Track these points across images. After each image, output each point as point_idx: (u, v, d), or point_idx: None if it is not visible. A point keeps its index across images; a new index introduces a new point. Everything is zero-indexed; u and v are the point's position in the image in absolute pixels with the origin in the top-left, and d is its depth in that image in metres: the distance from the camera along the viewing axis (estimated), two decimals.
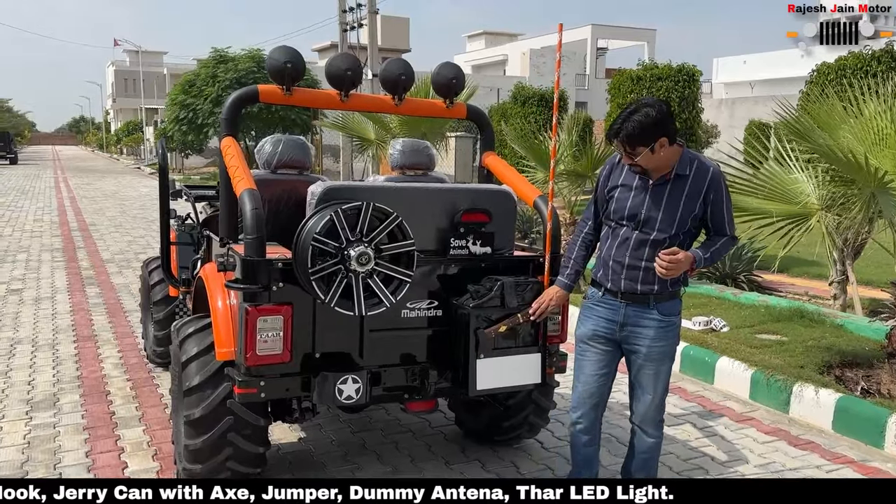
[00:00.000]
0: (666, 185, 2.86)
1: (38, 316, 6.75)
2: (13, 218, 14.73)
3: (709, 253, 2.91)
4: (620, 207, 2.93)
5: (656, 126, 2.75)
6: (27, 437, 4.01)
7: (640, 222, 2.89)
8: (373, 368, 3.11)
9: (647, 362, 2.98)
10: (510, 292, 3.12)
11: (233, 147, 3.37)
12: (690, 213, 2.86)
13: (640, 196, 2.89)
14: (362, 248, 2.80)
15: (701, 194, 2.85)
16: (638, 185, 2.91)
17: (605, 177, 3.06)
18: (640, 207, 2.89)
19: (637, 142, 2.77)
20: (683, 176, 2.86)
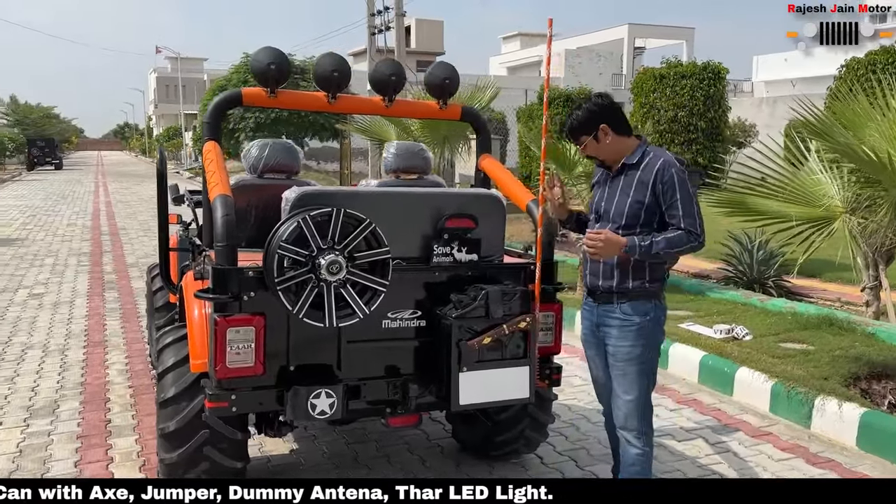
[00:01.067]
0: (620, 177, 2.95)
1: (53, 321, 6.79)
2: (48, 222, 15.01)
3: (648, 241, 2.79)
4: (596, 202, 3.06)
5: (593, 116, 2.92)
6: (20, 446, 3.98)
7: (600, 215, 2.99)
8: (351, 381, 2.98)
9: (614, 363, 2.97)
10: (495, 302, 2.95)
11: (213, 152, 3.27)
12: (639, 202, 2.86)
13: (603, 189, 3.02)
14: (333, 257, 2.67)
15: (649, 184, 2.85)
16: (602, 179, 3.06)
17: (594, 178, 3.19)
18: (601, 201, 3.01)
19: (579, 132, 2.95)
20: (631, 165, 2.91)
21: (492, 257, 3.21)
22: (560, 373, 3.37)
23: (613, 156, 2.95)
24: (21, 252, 10.91)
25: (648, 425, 3.01)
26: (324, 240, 2.70)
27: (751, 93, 38.55)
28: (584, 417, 4.53)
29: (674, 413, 4.67)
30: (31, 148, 40.34)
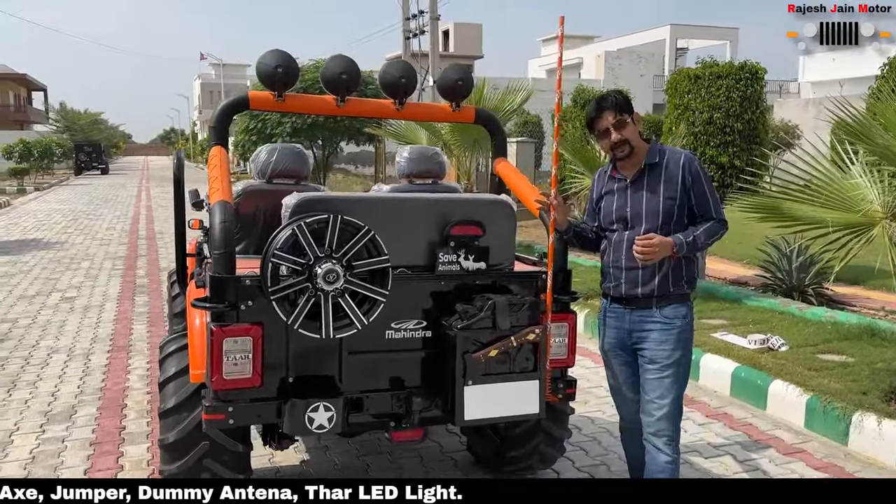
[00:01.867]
0: (642, 178, 2.86)
1: (81, 325, 6.85)
2: (88, 226, 15.30)
3: (691, 236, 2.80)
4: (608, 213, 2.94)
5: (628, 102, 2.86)
6: (33, 452, 3.98)
7: (627, 221, 2.87)
8: (353, 394, 2.87)
9: (650, 365, 2.86)
10: (502, 313, 2.82)
11: (218, 157, 3.20)
12: (672, 200, 2.81)
13: (623, 195, 2.90)
14: (330, 265, 2.58)
15: (677, 179, 2.81)
16: (618, 187, 2.93)
17: (592, 189, 3.09)
18: (625, 207, 2.88)
19: (624, 108, 2.82)
20: (655, 164, 2.85)
21: (501, 265, 3.08)
22: (574, 387, 3.22)
23: (638, 149, 2.85)
24: (59, 256, 11.11)
25: (678, 431, 2.91)
26: (321, 248, 2.60)
27: (797, 94, 37.56)
28: (607, 431, 4.35)
29: (702, 428, 4.47)
30: (79, 153, 41.34)
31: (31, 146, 31.99)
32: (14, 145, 30.97)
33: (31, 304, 7.65)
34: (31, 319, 7.00)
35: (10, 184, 27.09)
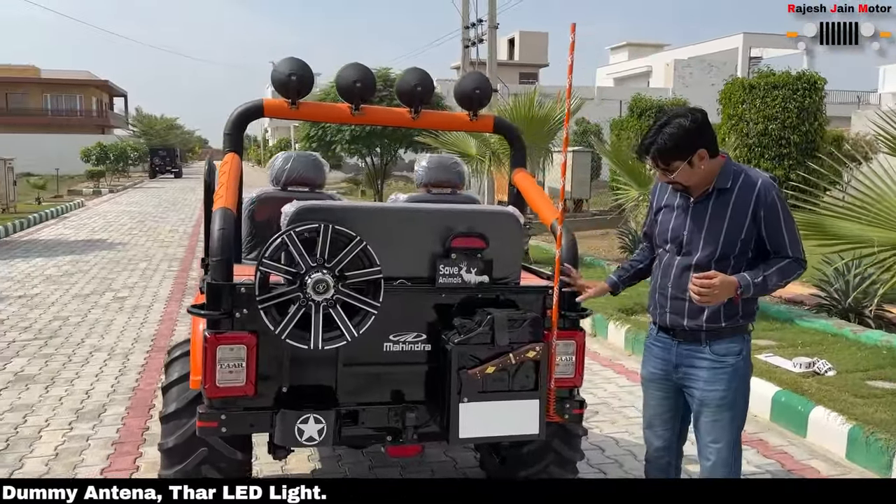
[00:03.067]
0: (708, 202, 2.57)
1: (127, 324, 7.04)
2: (152, 228, 15.82)
3: (760, 276, 2.50)
4: (663, 230, 2.69)
5: (691, 137, 2.48)
6: (57, 448, 4.08)
7: (681, 245, 2.61)
8: (348, 406, 2.83)
9: (702, 408, 2.64)
10: (501, 328, 2.73)
11: (229, 164, 3.22)
12: (737, 232, 2.53)
13: (682, 216, 2.63)
14: (320, 275, 2.54)
15: (749, 210, 2.52)
16: (680, 204, 2.65)
17: (653, 197, 2.81)
18: (681, 229, 2.62)
19: (672, 156, 2.50)
20: (725, 189, 2.55)
21: (506, 279, 2.98)
22: (583, 407, 3.09)
23: (702, 182, 2.55)
24: (119, 256, 11.50)
25: (738, 472, 2.70)
26: (312, 257, 2.57)
27: (877, 104, 35.96)
28: (630, 454, 4.19)
29: None
30: (154, 157, 42.93)
31: (108, 149, 33.38)
32: (91, 148, 32.38)
33: (83, 303, 7.92)
34: (81, 318, 7.25)
35: (86, 185, 28.30)
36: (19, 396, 4.90)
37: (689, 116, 2.50)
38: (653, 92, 30.85)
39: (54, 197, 22.86)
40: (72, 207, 20.22)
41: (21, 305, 7.70)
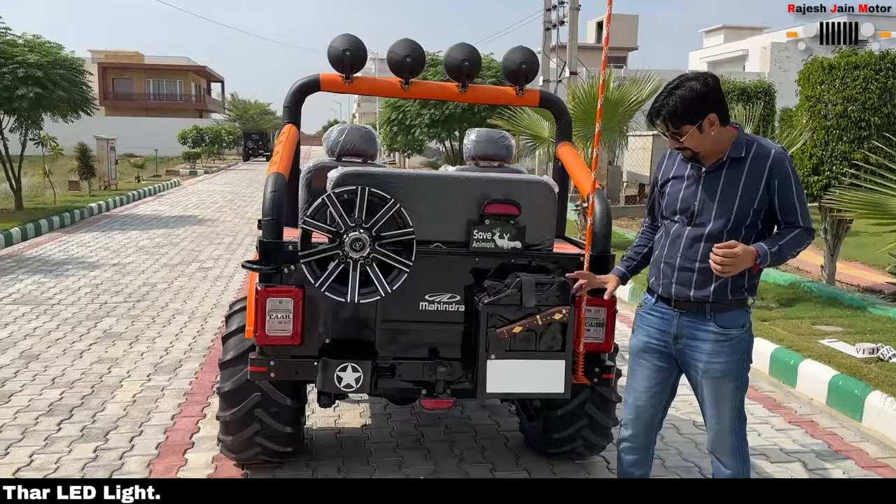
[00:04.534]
0: (721, 171, 2.54)
1: (209, 292, 7.51)
2: (241, 207, 16.55)
3: (776, 246, 2.49)
4: (672, 201, 2.63)
5: (702, 101, 2.44)
6: (136, 396, 4.47)
7: (692, 215, 2.56)
8: (385, 360, 3.04)
9: (705, 380, 2.61)
10: (528, 291, 2.86)
11: (286, 134, 3.46)
12: (751, 201, 2.51)
13: (693, 186, 2.58)
14: (357, 234, 2.74)
15: (762, 180, 2.49)
16: (690, 174, 2.60)
17: (659, 170, 2.78)
18: (692, 199, 2.57)
19: (682, 119, 2.45)
20: (739, 159, 2.52)
21: (539, 246, 3.11)
22: (611, 372, 3.19)
23: (713, 150, 2.52)
24: (208, 231, 12.15)
25: (744, 441, 2.69)
26: (350, 218, 2.77)
27: None
28: (672, 427, 4.24)
29: (779, 433, 4.23)
30: (247, 140, 44.67)
31: (204, 132, 34.96)
32: (188, 131, 34.00)
33: (171, 272, 8.47)
34: (167, 284, 7.77)
35: (183, 166, 29.76)
36: (106, 351, 5.36)
37: (701, 80, 2.47)
38: (748, 76, 29.73)
39: (153, 176, 24.18)
40: (168, 186, 21.35)
41: (115, 272, 8.32)
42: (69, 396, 4.43)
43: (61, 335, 5.73)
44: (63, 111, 13.38)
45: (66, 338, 5.66)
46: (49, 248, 9.94)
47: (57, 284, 7.57)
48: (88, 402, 4.36)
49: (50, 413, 4.16)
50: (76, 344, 5.51)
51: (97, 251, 9.78)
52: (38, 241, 10.58)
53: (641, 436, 2.83)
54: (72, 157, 17.55)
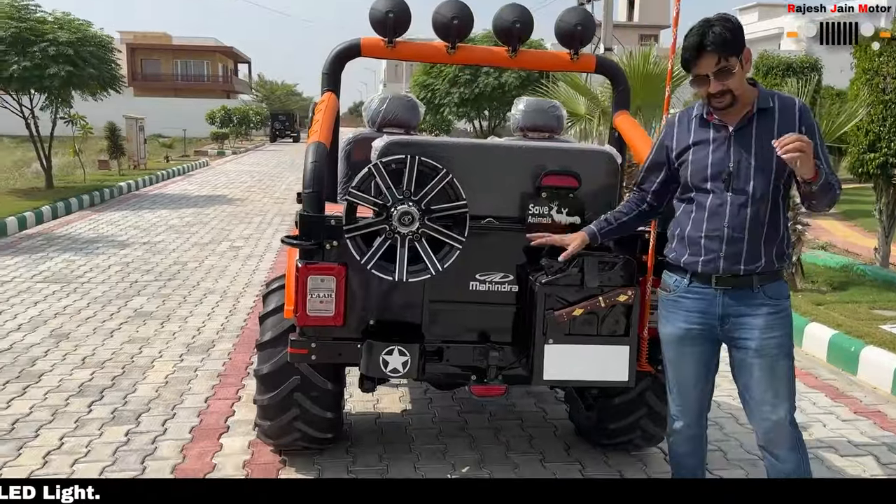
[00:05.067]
0: (750, 126, 2.34)
1: (240, 271, 7.37)
2: (269, 186, 16.45)
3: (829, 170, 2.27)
4: (700, 168, 2.39)
5: (741, 32, 2.26)
6: (168, 377, 4.33)
7: (729, 179, 2.33)
8: (433, 343, 2.83)
9: (758, 360, 2.37)
10: (591, 270, 2.64)
11: (326, 102, 3.25)
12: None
13: (722, 148, 2.36)
14: (406, 207, 2.53)
15: (795, 128, 2.29)
16: (715, 137, 2.39)
17: (669, 139, 2.51)
18: (725, 162, 2.34)
19: (731, 48, 2.23)
20: (768, 109, 2.34)
21: None
22: None
23: (743, 95, 2.31)
24: (237, 210, 12.04)
25: (798, 428, 2.44)
26: (398, 189, 2.56)
27: None
28: (732, 417, 4.00)
29: (846, 424, 3.96)
30: (274, 121, 44.56)
31: (231, 113, 34.92)
32: (216, 112, 33.97)
33: (202, 251, 8.35)
34: (198, 263, 7.65)
35: (211, 147, 29.76)
36: (137, 330, 5.23)
37: (733, 18, 2.28)
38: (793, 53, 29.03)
39: (181, 156, 24.20)
40: (197, 166, 21.33)
41: (145, 251, 8.22)
42: (100, 377, 4.30)
43: (91, 314, 5.62)
44: (93, 89, 13.30)
45: (97, 316, 5.55)
46: (79, 227, 9.89)
47: (87, 262, 7.48)
48: (119, 382, 4.22)
49: (80, 394, 4.03)
50: (107, 323, 5.39)
51: (127, 230, 9.70)
52: (69, 220, 10.54)
53: (693, 425, 2.61)
54: (101, 137, 17.55)
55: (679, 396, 2.59)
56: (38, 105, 12.93)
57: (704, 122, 2.41)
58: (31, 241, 8.74)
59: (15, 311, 5.62)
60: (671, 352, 2.56)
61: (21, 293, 6.17)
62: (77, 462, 3.26)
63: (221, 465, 3.28)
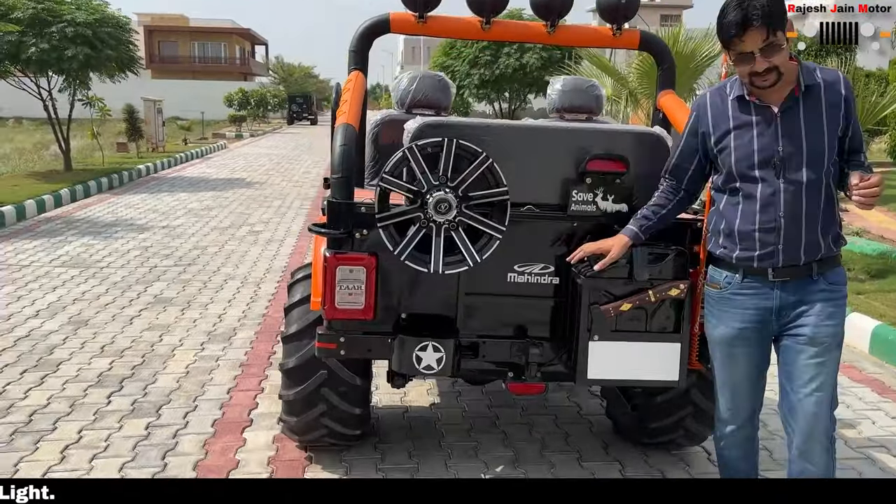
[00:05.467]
0: (797, 106, 2.15)
1: (261, 256, 7.24)
2: (288, 170, 16.32)
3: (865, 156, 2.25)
4: (746, 153, 2.18)
5: (785, 4, 2.12)
6: (189, 367, 4.21)
7: (779, 166, 2.14)
8: (468, 338, 2.67)
9: (809, 349, 2.18)
10: (641, 262, 2.46)
11: (354, 82, 3.08)
12: (835, 131, 2.16)
13: (768, 131, 2.16)
14: (442, 194, 2.35)
15: (841, 104, 2.16)
16: (758, 119, 2.18)
17: (704, 123, 2.29)
18: (773, 146, 2.15)
19: (779, 22, 2.04)
20: (814, 86, 2.16)
21: None
22: None
23: (787, 75, 2.12)
24: (256, 194, 11.92)
25: (835, 425, 2.28)
26: (434, 175, 2.39)
27: None
28: (776, 412, 3.79)
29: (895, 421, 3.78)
30: (291, 104, 44.41)
31: (249, 95, 34.82)
32: (234, 94, 33.89)
33: (221, 235, 8.24)
34: (218, 248, 7.53)
35: (229, 129, 29.70)
36: (157, 317, 5.12)
37: None
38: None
39: (199, 139, 24.13)
40: (215, 149, 21.24)
41: (164, 235, 8.11)
42: (119, 366, 4.19)
43: (110, 300, 5.51)
44: (111, 71, 13.21)
45: (116, 303, 5.44)
46: (98, 210, 9.81)
47: (106, 247, 7.39)
48: (139, 372, 4.11)
49: (99, 384, 3.92)
50: (126, 309, 5.28)
51: (146, 213, 9.61)
52: (87, 203, 10.47)
53: (745, 428, 2.45)
54: (119, 120, 17.50)
55: (730, 400, 2.41)
56: (56, 87, 12.86)
57: (744, 102, 2.20)
58: (50, 224, 8.67)
59: (33, 297, 5.53)
60: (721, 353, 2.38)
61: (39, 278, 6.09)
62: (96, 457, 3.14)
63: (245, 461, 3.15)
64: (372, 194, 2.48)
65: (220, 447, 3.26)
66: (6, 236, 7.86)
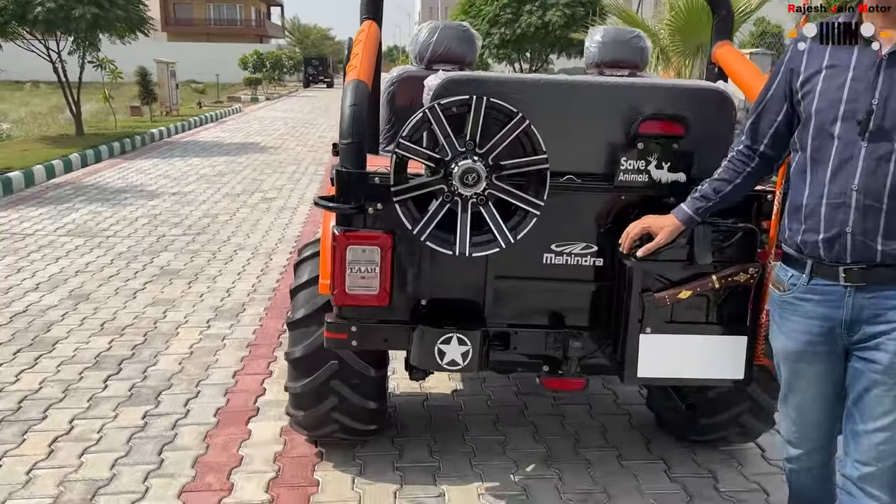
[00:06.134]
0: None
1: (273, 225, 6.93)
2: (303, 134, 15.94)
3: None
4: (831, 101, 1.72)
5: None
6: (193, 347, 3.92)
7: (868, 121, 1.66)
8: (497, 327, 2.33)
9: (885, 378, 1.73)
10: (702, 243, 2.09)
11: (366, 33, 2.70)
12: None
13: (866, 77, 1.69)
14: (470, 163, 1.99)
15: None
16: (858, 62, 1.71)
17: (797, 60, 1.83)
18: (866, 96, 1.67)
19: None
20: None
21: None
22: None
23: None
24: (270, 159, 11.58)
25: None
26: (460, 140, 2.02)
27: None
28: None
29: None
30: (307, 66, 43.77)
31: (264, 57, 34.25)
32: (249, 56, 33.36)
33: (233, 202, 7.93)
34: (229, 216, 7.22)
35: (244, 92, 29.26)
36: (162, 291, 4.83)
37: None
38: None
39: (214, 102, 23.77)
40: (230, 112, 20.87)
41: (174, 202, 7.82)
42: (118, 346, 3.91)
43: (115, 272, 5.23)
44: (120, 31, 12.82)
45: (120, 275, 5.16)
46: (108, 176, 9.54)
47: (114, 214, 7.11)
48: (140, 353, 3.82)
49: (96, 366, 3.64)
50: (130, 282, 5.00)
51: (157, 179, 9.32)
52: (98, 168, 10.20)
53: (816, 453, 1.99)
54: (132, 83, 17.16)
55: (796, 421, 1.98)
56: (66, 49, 12.51)
57: (849, 36, 1.75)
58: (59, 190, 8.41)
59: (35, 269, 5.26)
60: (785, 369, 1.96)
61: (42, 248, 5.82)
62: (86, 452, 2.86)
63: (249, 457, 2.86)
64: (387, 162, 2.13)
65: (222, 440, 2.97)
66: (13, 203, 7.61)
